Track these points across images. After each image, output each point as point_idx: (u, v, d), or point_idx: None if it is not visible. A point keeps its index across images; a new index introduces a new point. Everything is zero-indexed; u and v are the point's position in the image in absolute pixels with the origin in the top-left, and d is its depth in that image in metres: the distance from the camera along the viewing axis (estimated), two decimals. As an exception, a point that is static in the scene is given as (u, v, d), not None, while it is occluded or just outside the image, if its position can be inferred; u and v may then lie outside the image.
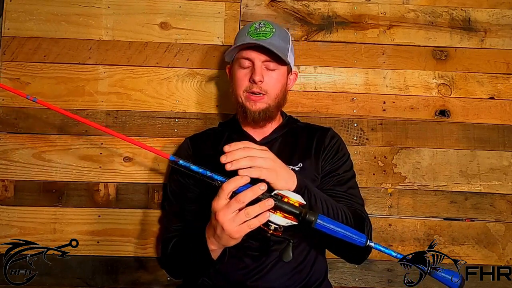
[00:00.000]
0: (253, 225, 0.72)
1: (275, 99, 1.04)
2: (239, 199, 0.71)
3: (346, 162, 1.08)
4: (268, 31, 1.02)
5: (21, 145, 1.31)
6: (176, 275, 1.11)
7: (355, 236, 0.74)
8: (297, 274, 1.01)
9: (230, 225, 0.73)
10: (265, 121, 1.06)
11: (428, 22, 1.39)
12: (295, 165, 1.03)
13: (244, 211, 0.72)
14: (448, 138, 1.35)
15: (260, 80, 1.00)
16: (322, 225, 0.74)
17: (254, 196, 0.72)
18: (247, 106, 1.02)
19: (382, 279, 1.31)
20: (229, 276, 1.01)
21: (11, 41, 1.33)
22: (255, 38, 1.01)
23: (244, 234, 0.74)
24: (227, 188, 0.73)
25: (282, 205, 0.73)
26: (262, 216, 0.72)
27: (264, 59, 1.01)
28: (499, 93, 1.37)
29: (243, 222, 0.72)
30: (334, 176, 1.04)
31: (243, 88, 1.03)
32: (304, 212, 0.73)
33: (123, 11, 1.36)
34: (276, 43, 1.01)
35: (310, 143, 1.08)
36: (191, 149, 1.10)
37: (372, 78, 1.37)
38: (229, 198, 0.73)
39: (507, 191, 1.33)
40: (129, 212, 1.31)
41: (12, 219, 1.29)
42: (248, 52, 1.01)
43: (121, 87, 1.34)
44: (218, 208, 0.74)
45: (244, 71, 1.03)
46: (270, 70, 1.02)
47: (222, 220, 0.73)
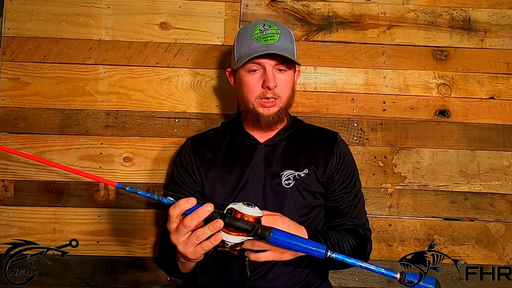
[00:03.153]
0: (206, 247, 0.71)
1: (287, 101, 1.03)
2: (185, 224, 0.70)
3: (354, 173, 1.10)
4: (274, 33, 0.99)
5: (21, 145, 1.31)
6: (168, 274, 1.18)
7: (313, 248, 0.72)
8: (297, 275, 1.01)
9: (184, 248, 0.72)
10: (277, 124, 1.04)
11: (428, 22, 1.39)
12: (301, 171, 1.03)
13: (194, 234, 0.70)
14: (448, 138, 1.35)
15: (274, 86, 0.97)
16: (277, 239, 0.72)
17: (200, 219, 0.70)
18: (261, 112, 1.00)
19: (382, 279, 1.31)
20: (229, 276, 1.00)
21: (11, 41, 1.33)
22: (263, 42, 0.97)
23: (200, 255, 0.73)
24: (172, 214, 0.71)
25: (234, 222, 0.70)
26: (214, 238, 0.70)
27: (274, 64, 0.98)
28: (499, 93, 1.37)
29: (196, 244, 0.71)
30: (344, 188, 1.06)
31: (256, 94, 0.99)
32: (256, 228, 0.71)
33: (123, 11, 1.36)
34: (285, 45, 0.99)
35: (317, 149, 1.07)
36: (191, 149, 1.09)
37: (372, 78, 1.37)
38: (179, 220, 0.72)
39: (507, 191, 1.33)
40: (129, 212, 1.31)
41: (12, 219, 1.29)
42: (258, 58, 0.97)
43: (121, 87, 1.34)
44: (171, 231, 0.73)
45: (255, 77, 0.99)
46: (280, 71, 1.00)
47: (176, 243, 0.73)
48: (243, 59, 0.97)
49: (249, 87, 1.00)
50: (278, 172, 1.03)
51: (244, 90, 1.01)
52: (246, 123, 1.10)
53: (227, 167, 1.04)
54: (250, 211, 0.72)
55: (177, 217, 0.72)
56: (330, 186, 1.05)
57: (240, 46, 1.01)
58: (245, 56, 0.97)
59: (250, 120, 1.05)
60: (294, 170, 1.02)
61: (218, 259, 1.02)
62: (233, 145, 1.08)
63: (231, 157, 1.06)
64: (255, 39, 0.98)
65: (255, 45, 0.97)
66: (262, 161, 1.04)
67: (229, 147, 1.08)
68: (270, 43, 0.97)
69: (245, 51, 0.99)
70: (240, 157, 1.05)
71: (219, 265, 1.02)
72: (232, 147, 1.08)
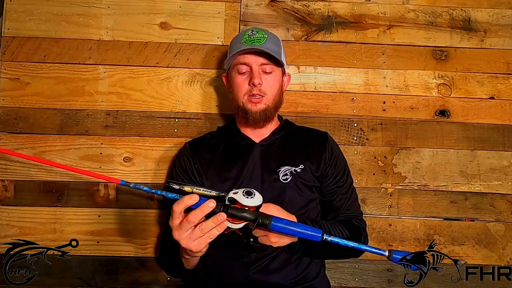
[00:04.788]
0: (213, 235, 0.75)
1: (273, 100, 1.09)
2: (189, 220, 0.73)
3: (346, 169, 1.16)
4: (261, 37, 1.08)
5: (21, 145, 1.31)
6: (170, 274, 1.19)
7: (310, 232, 0.78)
8: (297, 268, 1.04)
9: (187, 242, 0.75)
10: (265, 122, 1.10)
11: (428, 22, 1.39)
12: (297, 166, 1.08)
13: (199, 228, 0.74)
14: (448, 138, 1.35)
15: (259, 82, 1.05)
16: (277, 226, 0.78)
17: (203, 214, 0.74)
18: (248, 108, 1.07)
19: (382, 279, 1.31)
20: (229, 275, 1.03)
21: (11, 41, 1.33)
22: (250, 44, 1.06)
23: (205, 245, 0.76)
24: (176, 209, 0.75)
25: (237, 213, 0.75)
26: (220, 226, 0.74)
27: (260, 63, 1.06)
28: (499, 93, 1.37)
29: (200, 236, 0.74)
30: (337, 181, 1.12)
31: (243, 92, 1.07)
32: (258, 217, 0.77)
33: (123, 11, 1.36)
34: (270, 47, 1.06)
35: (310, 146, 1.13)
36: (190, 153, 1.13)
37: (372, 78, 1.37)
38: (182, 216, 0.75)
39: (507, 191, 1.33)
40: (129, 212, 1.31)
41: (12, 219, 1.29)
42: (245, 57, 1.06)
43: (121, 87, 1.34)
44: (173, 227, 0.76)
45: (243, 77, 1.08)
46: (267, 73, 1.08)
47: (178, 238, 0.76)
48: (231, 57, 1.08)
49: (237, 85, 1.08)
50: (275, 168, 1.07)
51: (234, 89, 1.10)
52: (240, 124, 1.15)
53: (225, 166, 1.09)
54: (250, 202, 0.77)
55: (181, 213, 0.75)
56: (324, 181, 1.11)
57: (231, 50, 1.11)
58: (233, 55, 1.07)
59: (241, 118, 1.11)
60: (290, 166, 1.08)
61: (218, 259, 1.04)
62: (230, 146, 1.13)
63: (229, 157, 1.10)
64: (243, 42, 1.07)
65: (243, 46, 1.06)
66: (259, 159, 1.09)
67: (226, 148, 1.13)
68: (256, 45, 1.05)
69: (233, 52, 1.08)
70: (237, 156, 1.10)
71: (220, 264, 1.04)
72: (229, 148, 1.13)
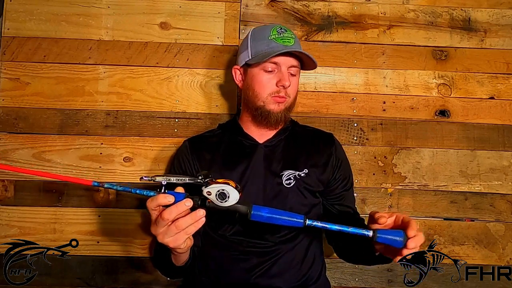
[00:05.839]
0: (190, 232, 0.74)
1: (293, 102, 1.08)
2: (163, 217, 0.72)
3: (351, 171, 1.16)
4: (290, 37, 1.04)
5: (21, 145, 1.31)
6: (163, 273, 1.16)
7: (292, 218, 0.77)
8: (298, 271, 1.03)
9: (163, 238, 0.74)
10: (283, 123, 1.08)
11: (428, 22, 1.39)
12: (301, 171, 1.05)
13: (174, 224, 0.72)
14: (448, 138, 1.35)
15: (289, 85, 1.02)
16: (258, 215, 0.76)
17: (178, 213, 0.72)
18: (271, 108, 1.03)
19: (382, 279, 1.31)
20: (229, 275, 1.01)
21: (11, 41, 1.33)
22: (281, 43, 1.01)
23: (183, 241, 0.75)
24: (150, 206, 0.74)
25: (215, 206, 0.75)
26: (197, 222, 0.73)
27: (290, 65, 1.03)
28: (499, 93, 1.37)
29: (175, 233, 0.73)
30: (345, 185, 1.12)
31: (268, 91, 1.02)
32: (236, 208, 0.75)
33: (123, 11, 1.36)
34: (299, 49, 1.03)
35: (316, 149, 1.10)
36: (190, 151, 1.09)
37: (372, 78, 1.37)
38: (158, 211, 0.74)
39: (507, 191, 1.33)
40: (129, 212, 1.31)
41: (12, 219, 1.29)
42: (276, 57, 1.01)
43: (121, 87, 1.34)
44: (151, 222, 0.75)
45: (269, 75, 1.03)
46: (292, 75, 1.05)
47: (154, 233, 0.75)
48: (265, 55, 1.00)
49: (262, 84, 1.03)
50: (279, 172, 1.04)
51: (255, 87, 1.04)
52: (246, 123, 1.10)
53: (227, 166, 1.05)
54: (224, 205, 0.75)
55: (155, 209, 0.74)
56: (331, 185, 1.09)
57: (257, 44, 1.04)
58: (267, 53, 1.00)
59: (257, 118, 1.06)
60: (294, 170, 1.04)
61: (219, 263, 1.03)
62: (232, 146, 1.09)
63: (231, 157, 1.07)
64: (273, 39, 1.02)
65: (274, 44, 1.01)
66: (262, 161, 1.06)
67: (228, 148, 1.09)
68: (288, 45, 1.01)
69: (264, 49, 1.02)
70: (240, 157, 1.06)
71: (220, 265, 1.03)
72: (231, 147, 1.09)
